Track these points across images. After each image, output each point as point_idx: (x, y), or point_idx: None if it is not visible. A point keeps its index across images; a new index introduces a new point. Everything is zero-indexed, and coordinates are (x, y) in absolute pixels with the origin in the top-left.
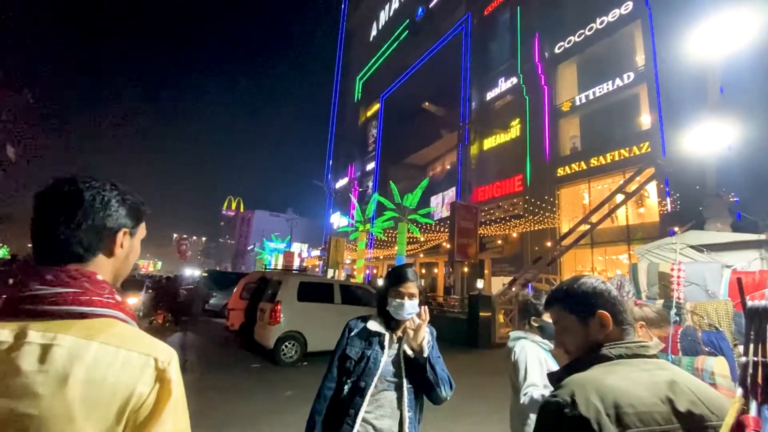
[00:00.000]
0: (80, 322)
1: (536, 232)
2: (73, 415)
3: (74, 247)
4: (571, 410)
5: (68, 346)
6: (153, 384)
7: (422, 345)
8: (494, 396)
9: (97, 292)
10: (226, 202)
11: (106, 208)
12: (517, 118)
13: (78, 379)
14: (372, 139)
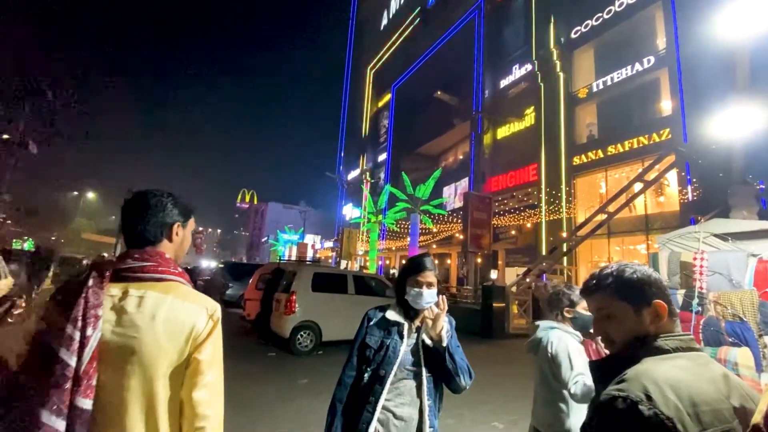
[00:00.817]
0: (159, 284)
1: (551, 223)
2: (159, 339)
3: (147, 236)
4: (648, 407)
5: (154, 297)
6: (207, 322)
7: (441, 334)
8: (508, 385)
9: (167, 265)
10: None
11: (164, 209)
12: (532, 106)
13: (161, 317)
14: (384, 130)
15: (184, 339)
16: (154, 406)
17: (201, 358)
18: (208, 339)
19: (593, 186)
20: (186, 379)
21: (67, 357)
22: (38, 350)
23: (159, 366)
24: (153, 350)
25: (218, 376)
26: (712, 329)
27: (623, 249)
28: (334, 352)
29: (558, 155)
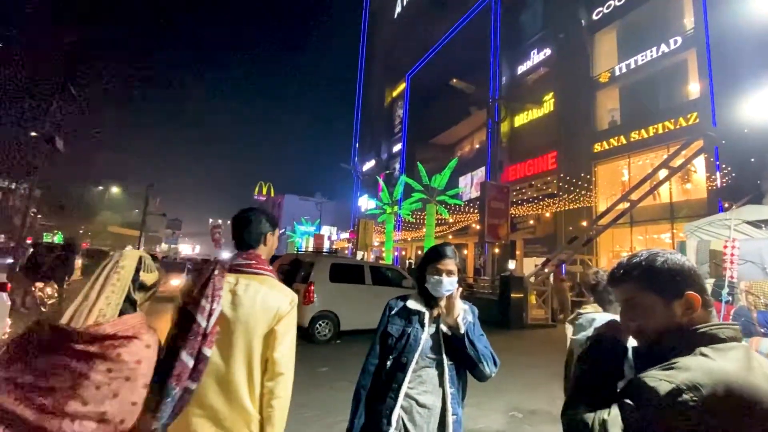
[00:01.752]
0: (258, 277)
1: (571, 212)
2: (257, 314)
3: (251, 243)
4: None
5: (255, 286)
6: (287, 306)
7: (458, 321)
8: (526, 376)
9: (263, 264)
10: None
11: (260, 223)
12: (551, 92)
13: (258, 300)
14: (398, 120)
15: (272, 316)
16: (250, 358)
17: (281, 330)
18: (287, 317)
19: (615, 173)
20: (270, 342)
21: (201, 320)
22: (183, 315)
23: (255, 332)
24: (252, 321)
25: (292, 341)
26: (742, 319)
27: (646, 238)
28: (353, 341)
29: (578, 142)
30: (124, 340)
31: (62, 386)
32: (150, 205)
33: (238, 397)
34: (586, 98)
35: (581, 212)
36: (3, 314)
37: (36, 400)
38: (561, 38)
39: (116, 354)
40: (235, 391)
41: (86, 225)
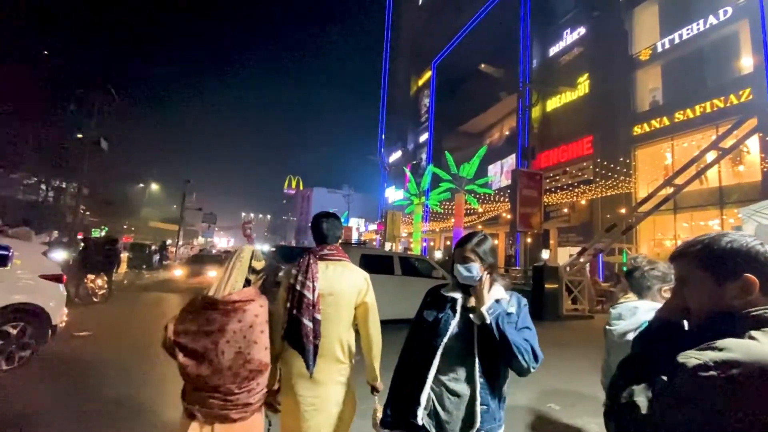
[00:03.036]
0: (340, 262)
1: (608, 198)
2: (344, 289)
3: (333, 238)
4: None
5: (340, 269)
6: (366, 283)
7: (482, 311)
8: (561, 368)
9: (342, 253)
10: (286, 181)
11: (338, 225)
12: (585, 74)
13: (344, 279)
14: (424, 109)
15: (356, 291)
16: (344, 320)
17: (366, 300)
18: (367, 290)
19: (657, 157)
20: (362, 310)
21: (308, 294)
22: (293, 293)
23: (344, 302)
24: (341, 294)
25: (374, 307)
26: None
27: (692, 225)
28: (383, 330)
29: (616, 125)
30: (246, 302)
31: (214, 329)
32: (187, 201)
33: (333, 350)
34: (625, 78)
35: (620, 199)
36: (61, 303)
37: (202, 339)
38: (596, 16)
39: (242, 311)
40: (331, 345)
41: (129, 221)
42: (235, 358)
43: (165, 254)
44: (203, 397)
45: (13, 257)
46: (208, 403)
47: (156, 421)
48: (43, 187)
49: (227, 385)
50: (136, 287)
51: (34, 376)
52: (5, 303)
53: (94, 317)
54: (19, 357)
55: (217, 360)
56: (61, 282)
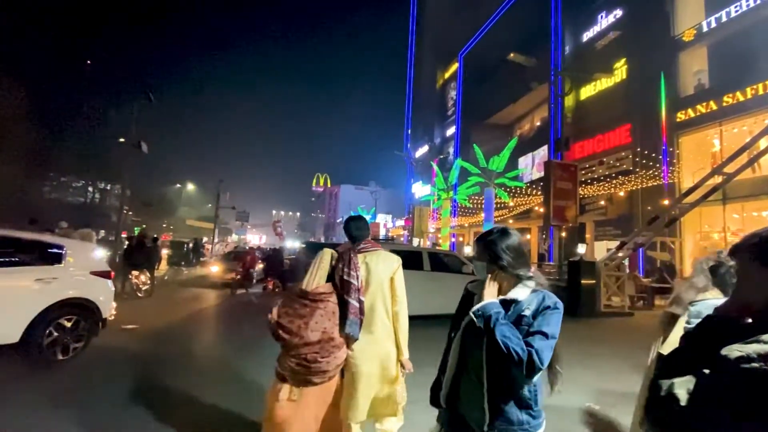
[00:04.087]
0: (375, 252)
1: (649, 189)
2: (380, 272)
3: (365, 234)
4: None
5: (375, 257)
6: (397, 265)
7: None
8: (599, 366)
9: (374, 244)
10: (314, 179)
11: (367, 226)
12: (623, 59)
13: (380, 264)
14: (451, 102)
15: (390, 272)
16: (384, 297)
17: (396, 279)
18: (397, 270)
19: (703, 144)
20: (392, 286)
21: (354, 281)
22: (341, 280)
23: (382, 282)
24: (379, 276)
25: (402, 284)
26: None
27: (743, 216)
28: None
29: (657, 112)
30: (328, 294)
31: (305, 314)
32: (221, 200)
33: (381, 317)
34: (667, 62)
35: (662, 189)
36: (110, 298)
37: (297, 320)
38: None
39: (326, 301)
40: (379, 314)
41: (168, 219)
42: (321, 336)
43: (201, 251)
44: (293, 364)
45: (67, 255)
46: (296, 369)
47: (194, 407)
48: (90, 189)
49: (312, 355)
50: (176, 283)
51: (87, 365)
52: (61, 298)
53: (139, 311)
54: (73, 348)
55: (307, 336)
56: (109, 278)
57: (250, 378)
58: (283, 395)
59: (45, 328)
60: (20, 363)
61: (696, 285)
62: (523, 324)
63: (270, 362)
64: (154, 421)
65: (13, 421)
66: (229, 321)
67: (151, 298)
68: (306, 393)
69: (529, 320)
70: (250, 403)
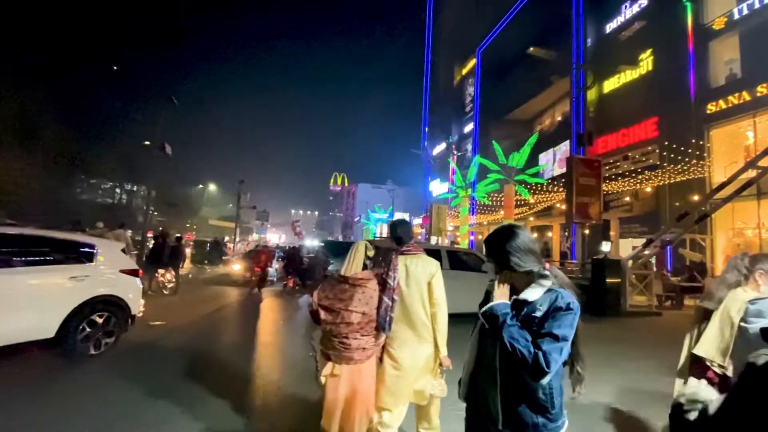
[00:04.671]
0: (416, 255)
1: (677, 185)
2: (420, 275)
3: (404, 239)
4: None
5: (416, 260)
6: (436, 269)
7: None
8: (625, 366)
9: (416, 248)
10: (332, 178)
11: (410, 229)
12: (648, 50)
13: (420, 267)
14: (469, 99)
15: (429, 275)
16: (422, 297)
17: (435, 282)
18: (436, 274)
19: (735, 137)
20: (431, 289)
21: (391, 281)
22: (381, 280)
23: (421, 283)
24: (419, 278)
25: (441, 286)
26: None
27: None
28: None
29: (685, 104)
30: (366, 280)
31: (346, 297)
32: (241, 200)
33: (420, 317)
34: (696, 51)
35: (691, 185)
36: (138, 295)
37: (338, 303)
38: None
39: (364, 286)
40: (418, 314)
41: (191, 219)
42: (361, 317)
43: (223, 250)
44: (335, 343)
45: (98, 254)
46: (338, 347)
47: (220, 399)
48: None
49: (353, 334)
50: (200, 281)
51: (118, 360)
52: (92, 295)
53: (166, 308)
54: (105, 343)
55: (348, 317)
56: (137, 276)
57: (271, 371)
58: (326, 371)
59: (79, 323)
60: (56, 357)
61: (727, 281)
62: (534, 325)
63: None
64: (182, 412)
65: (52, 411)
66: (250, 317)
67: (177, 296)
68: (347, 370)
69: (540, 321)
70: (270, 396)
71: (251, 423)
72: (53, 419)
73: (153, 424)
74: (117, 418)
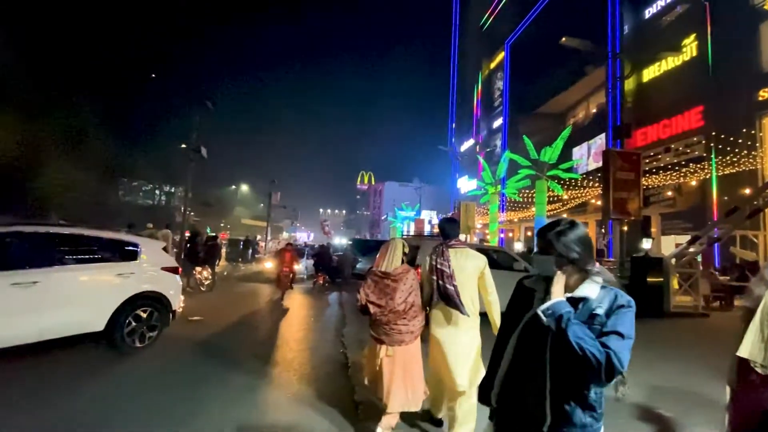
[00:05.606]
0: (464, 249)
1: (726, 177)
2: (468, 267)
3: (451, 235)
4: None
5: (463, 254)
6: (484, 263)
7: (537, 311)
8: (668, 370)
9: (462, 242)
10: (359, 177)
11: (458, 226)
12: (692, 35)
13: (468, 260)
14: (498, 93)
15: (478, 268)
16: (469, 288)
17: (486, 273)
18: (485, 268)
19: None
20: (483, 281)
21: (446, 270)
22: (436, 269)
23: (469, 275)
24: (465, 269)
25: (490, 279)
26: None
27: None
28: None
29: (734, 91)
30: (405, 273)
31: (390, 291)
32: (272, 199)
33: (467, 304)
34: (745, 34)
35: (741, 177)
36: (178, 292)
37: (383, 297)
38: None
39: (405, 278)
40: (465, 302)
41: (225, 219)
42: (404, 306)
43: (256, 248)
44: (386, 329)
45: (141, 252)
46: (389, 332)
47: (257, 390)
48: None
49: (400, 320)
50: (234, 278)
51: (162, 353)
52: (137, 291)
53: (203, 304)
54: (149, 337)
55: (393, 306)
56: (177, 273)
57: (304, 365)
58: (382, 353)
59: (125, 318)
60: (104, 349)
61: (766, 277)
62: (596, 323)
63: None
64: (222, 400)
65: (104, 399)
66: (282, 314)
67: (213, 293)
68: (398, 351)
69: (603, 319)
70: (304, 389)
71: (285, 414)
72: (110, 403)
73: (196, 410)
74: (164, 405)
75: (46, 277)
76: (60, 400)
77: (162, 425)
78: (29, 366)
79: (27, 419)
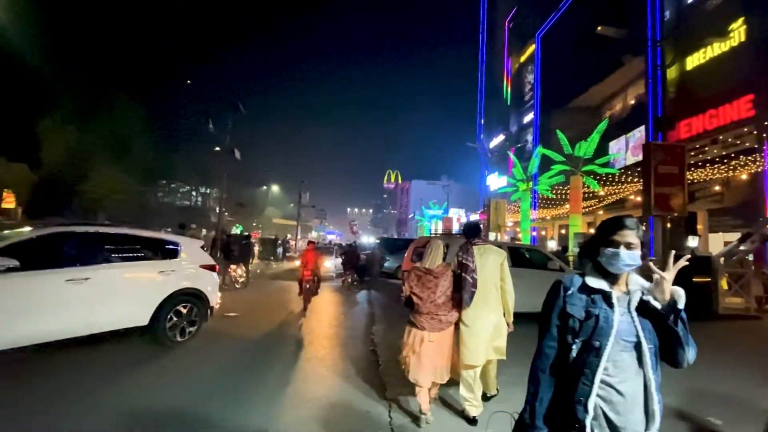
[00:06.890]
0: (485, 245)
1: None
2: (490, 261)
3: (479, 234)
4: None
5: (486, 250)
6: (503, 256)
7: (674, 296)
8: (719, 374)
9: (485, 240)
10: (386, 176)
11: (480, 229)
12: (740, 18)
13: (490, 255)
14: (528, 87)
15: (498, 261)
16: (494, 279)
17: (504, 266)
18: (503, 260)
19: None
20: (501, 272)
21: (470, 263)
22: (461, 263)
23: (492, 267)
24: (489, 263)
25: (507, 270)
26: None
27: None
28: None
29: None
30: (445, 270)
31: (431, 285)
32: (301, 199)
33: (491, 292)
34: None
35: None
36: (216, 289)
37: (425, 290)
38: None
39: (444, 275)
40: (489, 290)
41: (257, 219)
42: (444, 299)
43: (287, 247)
44: (428, 319)
45: (181, 250)
46: (432, 322)
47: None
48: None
49: (441, 310)
50: (267, 276)
51: (201, 346)
52: (178, 287)
53: (238, 301)
54: (189, 331)
55: (435, 299)
56: (215, 271)
57: (337, 362)
58: (426, 338)
59: (167, 313)
60: (148, 343)
61: None
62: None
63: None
64: (258, 393)
65: (150, 389)
66: (313, 311)
67: (247, 290)
68: (437, 337)
69: None
70: (335, 385)
71: (321, 408)
72: (153, 392)
73: (236, 401)
74: (204, 396)
75: (96, 273)
76: (110, 388)
77: (202, 415)
78: (76, 358)
79: (74, 405)
